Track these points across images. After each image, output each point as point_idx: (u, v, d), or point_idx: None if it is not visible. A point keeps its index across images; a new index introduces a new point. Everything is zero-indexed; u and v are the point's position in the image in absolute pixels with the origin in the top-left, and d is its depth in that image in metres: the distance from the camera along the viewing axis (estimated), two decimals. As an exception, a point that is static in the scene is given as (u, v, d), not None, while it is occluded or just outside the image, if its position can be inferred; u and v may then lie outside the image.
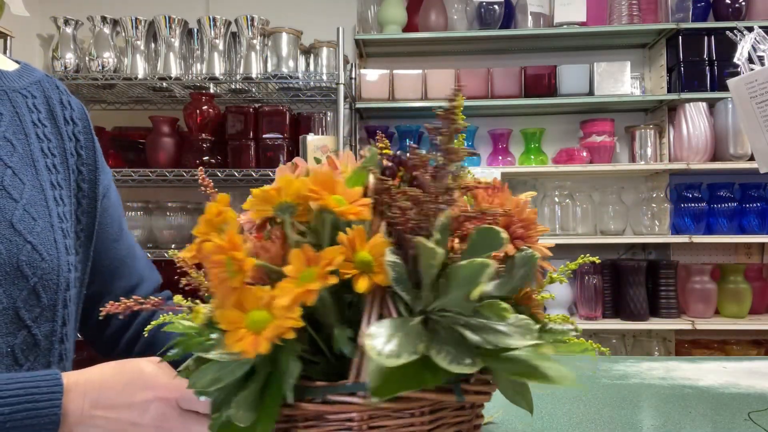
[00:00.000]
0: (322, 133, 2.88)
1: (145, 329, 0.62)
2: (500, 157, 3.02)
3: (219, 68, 2.75)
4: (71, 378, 0.60)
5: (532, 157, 3.00)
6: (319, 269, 0.41)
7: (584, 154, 2.92)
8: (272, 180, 0.48)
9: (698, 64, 2.89)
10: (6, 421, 0.56)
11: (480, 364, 0.41)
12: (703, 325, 2.77)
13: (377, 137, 0.58)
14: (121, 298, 0.56)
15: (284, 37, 2.77)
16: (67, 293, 0.75)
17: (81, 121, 0.84)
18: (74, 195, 0.82)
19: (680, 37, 2.89)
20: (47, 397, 0.57)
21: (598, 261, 0.67)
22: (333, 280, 0.41)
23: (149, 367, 0.61)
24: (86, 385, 0.59)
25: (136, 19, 2.75)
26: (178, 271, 0.55)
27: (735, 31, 1.04)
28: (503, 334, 0.42)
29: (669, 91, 2.98)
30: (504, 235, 0.44)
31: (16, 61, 0.85)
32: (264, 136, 2.73)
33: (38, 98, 0.80)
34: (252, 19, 2.73)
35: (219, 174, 2.69)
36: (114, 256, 0.87)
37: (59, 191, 0.78)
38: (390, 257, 0.43)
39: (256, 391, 0.43)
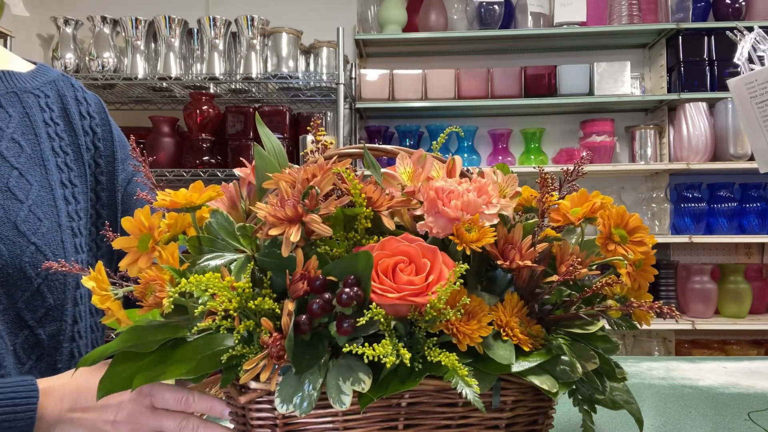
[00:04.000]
0: (322, 133, 2.87)
1: None
2: (500, 157, 3.02)
3: (219, 68, 2.75)
4: (47, 383, 0.63)
5: (532, 157, 3.00)
6: None
7: (584, 154, 2.91)
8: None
9: (698, 64, 2.89)
10: None
11: None
12: (703, 325, 2.77)
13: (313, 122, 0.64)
14: None
15: (284, 37, 2.77)
16: (77, 291, 0.75)
17: (98, 115, 0.86)
18: (92, 189, 0.83)
19: (680, 37, 2.89)
20: (25, 401, 0.60)
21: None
22: None
23: None
24: (63, 389, 0.62)
25: (136, 19, 2.75)
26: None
27: (735, 31, 1.04)
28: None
29: (669, 91, 2.98)
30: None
31: (33, 63, 0.86)
32: (264, 136, 2.73)
33: (51, 97, 0.81)
34: (252, 19, 2.72)
35: (219, 174, 2.69)
36: None
37: (71, 189, 0.79)
38: None
39: None
